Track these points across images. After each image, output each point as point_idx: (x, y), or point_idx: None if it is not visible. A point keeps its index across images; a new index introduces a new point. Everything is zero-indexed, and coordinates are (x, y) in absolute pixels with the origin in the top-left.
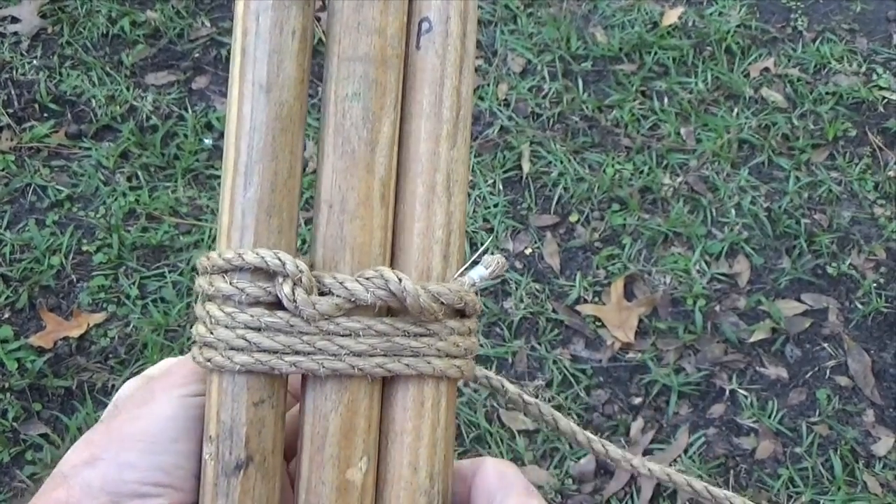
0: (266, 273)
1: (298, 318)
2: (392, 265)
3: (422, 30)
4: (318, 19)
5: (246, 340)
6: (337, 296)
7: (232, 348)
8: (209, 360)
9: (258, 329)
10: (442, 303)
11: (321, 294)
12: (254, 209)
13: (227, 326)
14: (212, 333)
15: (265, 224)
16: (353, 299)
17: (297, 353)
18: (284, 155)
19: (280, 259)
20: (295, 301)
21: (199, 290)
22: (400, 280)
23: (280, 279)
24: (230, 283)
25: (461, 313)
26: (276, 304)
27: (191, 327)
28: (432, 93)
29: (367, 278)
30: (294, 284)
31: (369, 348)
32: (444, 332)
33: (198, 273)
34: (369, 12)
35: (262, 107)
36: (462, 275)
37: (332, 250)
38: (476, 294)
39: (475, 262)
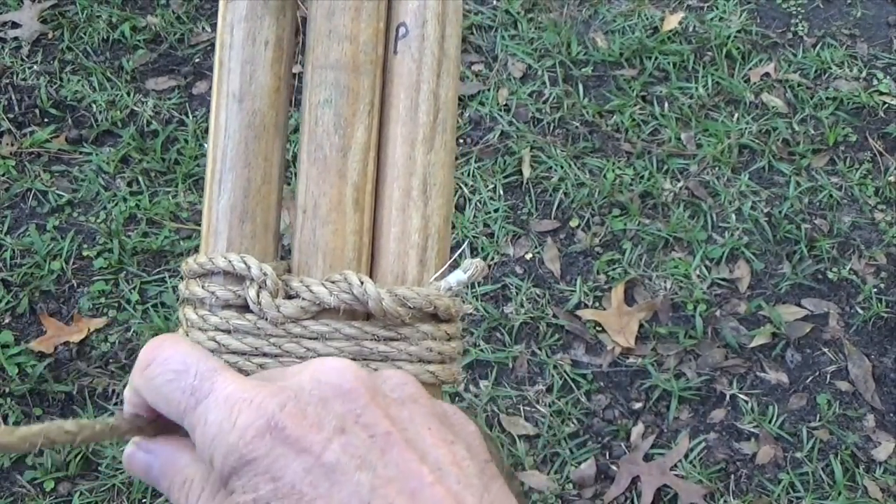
0: (236, 277)
1: (265, 321)
2: (370, 270)
3: (399, 34)
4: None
5: (216, 342)
6: (303, 299)
7: None
8: None
9: (228, 331)
10: (409, 307)
11: (289, 297)
12: (227, 215)
13: (200, 329)
14: (187, 335)
15: (238, 230)
16: (318, 303)
17: (264, 354)
18: (258, 162)
19: (246, 263)
20: (259, 304)
21: (179, 294)
22: (362, 283)
23: (247, 283)
24: (203, 288)
25: (436, 318)
26: (247, 308)
27: None
28: (408, 97)
29: (333, 282)
30: (259, 288)
31: (337, 352)
32: (415, 336)
33: (181, 278)
34: (340, 19)
35: (235, 115)
36: (440, 279)
37: (306, 255)
38: (453, 298)
39: (454, 267)
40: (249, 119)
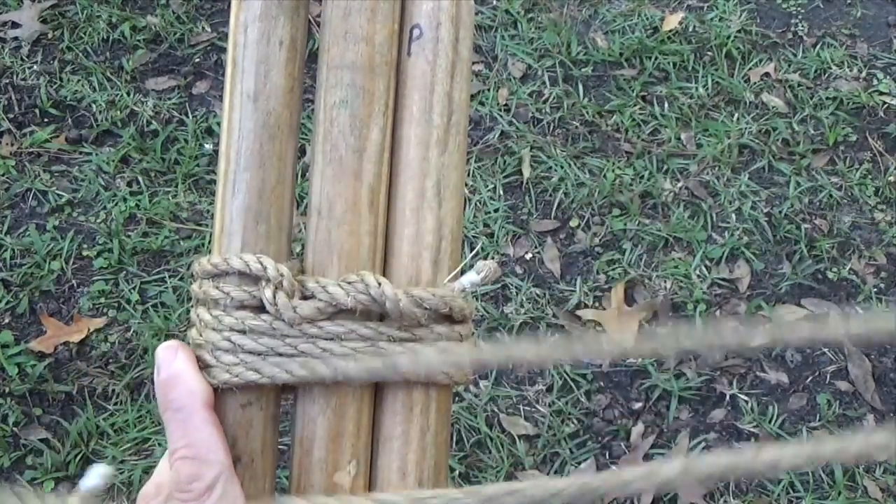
0: (251, 277)
1: (281, 321)
2: (384, 271)
3: (413, 36)
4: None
5: (231, 342)
6: (319, 300)
7: (218, 349)
8: (198, 361)
9: (243, 332)
10: (425, 308)
11: (305, 298)
12: (242, 216)
13: (214, 329)
14: (201, 335)
15: (253, 230)
16: (334, 303)
17: (279, 355)
18: (272, 162)
19: (262, 264)
20: (276, 304)
21: (192, 294)
22: (379, 284)
23: (263, 283)
24: (217, 288)
25: (450, 319)
26: (262, 308)
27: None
28: (422, 99)
29: (349, 283)
30: (276, 288)
31: (352, 352)
32: (430, 337)
33: (193, 278)
34: (357, 20)
35: (250, 115)
36: (453, 280)
37: (321, 255)
38: (467, 300)
39: (467, 268)
40: (264, 119)
